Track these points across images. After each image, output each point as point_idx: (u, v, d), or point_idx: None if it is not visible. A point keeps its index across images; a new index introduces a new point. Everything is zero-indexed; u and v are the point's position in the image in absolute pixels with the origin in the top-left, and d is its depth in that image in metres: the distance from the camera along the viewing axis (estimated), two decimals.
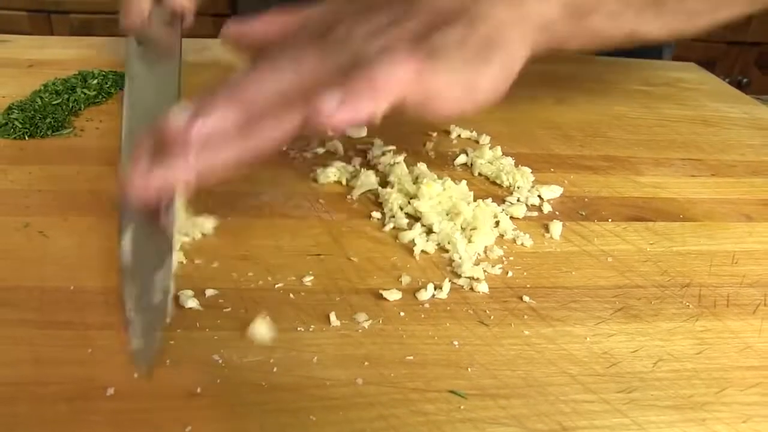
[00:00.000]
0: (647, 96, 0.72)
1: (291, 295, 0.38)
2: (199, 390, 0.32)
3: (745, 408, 0.34)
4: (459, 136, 0.58)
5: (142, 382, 0.32)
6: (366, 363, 0.34)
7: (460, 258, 0.42)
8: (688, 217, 0.50)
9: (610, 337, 0.38)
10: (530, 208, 0.49)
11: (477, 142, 0.57)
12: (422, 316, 0.38)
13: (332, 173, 0.49)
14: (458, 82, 0.37)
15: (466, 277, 0.40)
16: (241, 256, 0.41)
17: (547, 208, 0.49)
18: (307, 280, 0.39)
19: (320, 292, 0.39)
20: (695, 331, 0.39)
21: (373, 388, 0.33)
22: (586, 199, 0.50)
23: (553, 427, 0.32)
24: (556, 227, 0.46)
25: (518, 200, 0.49)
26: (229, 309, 0.37)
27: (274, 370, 0.33)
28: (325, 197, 0.47)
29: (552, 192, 0.50)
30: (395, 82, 0.35)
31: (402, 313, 0.37)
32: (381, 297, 0.38)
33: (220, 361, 0.34)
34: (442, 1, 0.39)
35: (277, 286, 0.39)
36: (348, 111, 0.34)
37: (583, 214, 0.49)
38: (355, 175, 0.49)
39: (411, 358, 0.35)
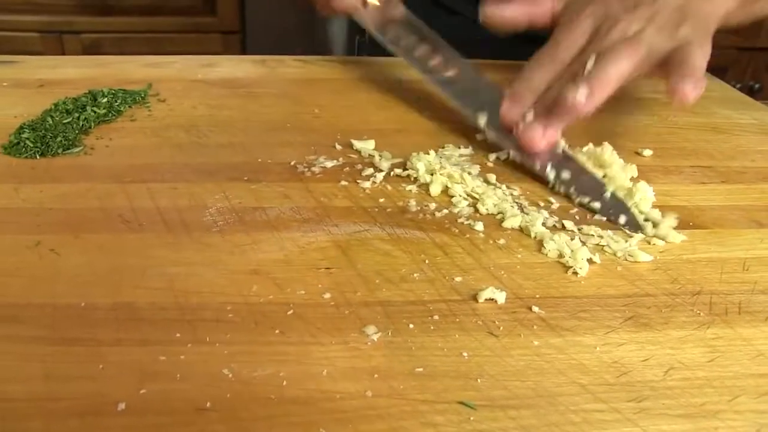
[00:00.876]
0: (656, 103, 0.72)
1: (300, 309, 0.38)
2: (208, 404, 0.32)
3: (759, 416, 0.34)
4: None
5: (152, 396, 0.32)
6: (375, 375, 0.34)
7: None
8: (698, 224, 0.50)
9: (620, 346, 0.38)
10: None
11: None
12: (431, 327, 0.38)
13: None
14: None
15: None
16: (251, 270, 0.41)
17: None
18: (317, 293, 0.39)
19: (329, 306, 0.39)
20: (706, 339, 0.39)
21: (383, 400, 0.33)
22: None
23: None
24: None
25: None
26: (238, 323, 0.37)
27: (284, 383, 0.33)
28: (333, 211, 0.47)
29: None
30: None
31: (411, 325, 0.38)
32: (389, 307, 0.38)
33: (230, 375, 0.34)
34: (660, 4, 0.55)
35: (286, 300, 0.39)
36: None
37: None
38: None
39: (420, 369, 0.35)
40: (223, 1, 1.89)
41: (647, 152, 0.60)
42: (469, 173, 0.53)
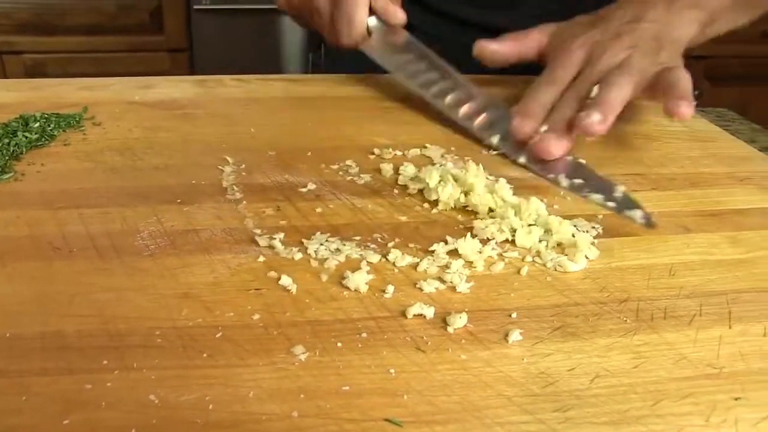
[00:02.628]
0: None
1: (229, 331, 0.38)
2: (133, 431, 0.32)
3: (680, 419, 0.35)
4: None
5: (76, 427, 0.32)
6: (302, 395, 0.34)
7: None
8: (628, 232, 0.51)
9: (547, 356, 0.38)
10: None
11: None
12: (359, 345, 0.38)
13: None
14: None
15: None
16: (181, 294, 0.41)
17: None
18: (246, 315, 0.39)
19: (258, 327, 0.39)
20: (632, 346, 0.40)
21: (309, 420, 0.33)
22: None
23: None
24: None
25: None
26: (167, 347, 0.37)
27: (210, 407, 0.33)
28: (266, 231, 0.48)
29: None
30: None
31: (339, 344, 0.38)
32: (318, 326, 0.39)
33: (157, 401, 0.34)
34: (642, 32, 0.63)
35: (215, 322, 0.39)
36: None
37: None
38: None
39: (347, 388, 0.35)
40: (169, 20, 1.88)
41: (581, 161, 0.61)
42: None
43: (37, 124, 0.59)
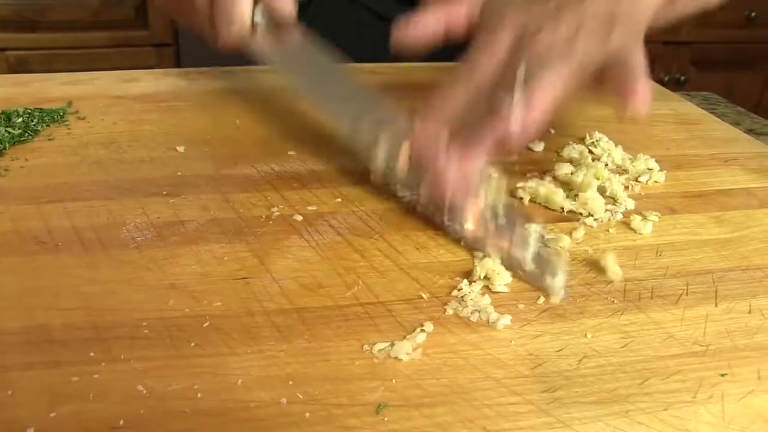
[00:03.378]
0: (579, 98, 0.73)
1: (216, 321, 0.38)
2: (121, 422, 0.32)
3: (666, 396, 0.35)
4: None
5: (63, 419, 0.32)
6: (291, 382, 0.34)
7: None
8: (615, 214, 0.51)
9: (536, 338, 0.38)
10: None
11: None
12: (348, 331, 0.38)
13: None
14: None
15: None
16: (167, 285, 0.41)
17: None
18: (233, 304, 0.39)
19: (246, 316, 0.39)
20: (620, 326, 0.40)
21: (298, 406, 0.33)
22: (515, 205, 0.51)
23: None
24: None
25: None
26: (154, 338, 0.37)
27: (199, 396, 0.33)
28: (251, 222, 0.47)
29: None
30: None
31: (328, 331, 0.38)
32: (306, 313, 0.39)
33: (145, 392, 0.33)
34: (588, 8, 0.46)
35: (202, 312, 0.39)
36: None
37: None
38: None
39: (335, 374, 0.35)
40: (154, 15, 1.87)
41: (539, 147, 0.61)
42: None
43: (20, 120, 0.59)
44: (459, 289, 0.41)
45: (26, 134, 0.58)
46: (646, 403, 0.34)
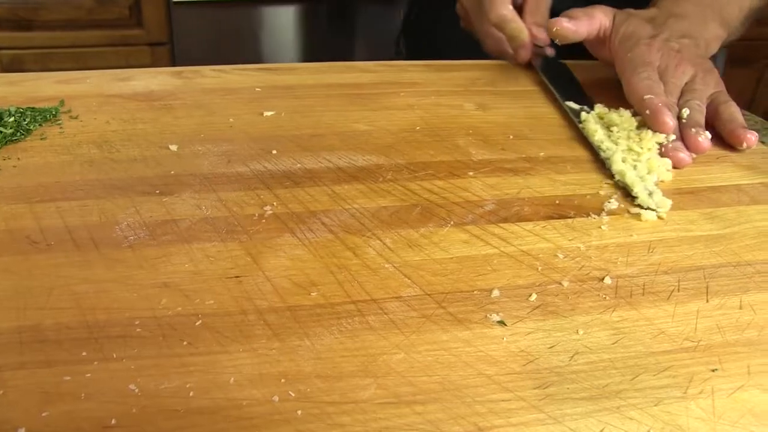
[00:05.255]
0: None
1: (209, 319, 0.38)
2: (113, 421, 0.32)
3: (657, 391, 0.35)
4: None
5: (55, 418, 0.32)
6: (283, 380, 0.34)
7: None
8: (607, 211, 0.51)
9: (528, 335, 0.39)
10: None
11: None
12: (340, 329, 0.38)
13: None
14: None
15: None
16: (160, 284, 0.41)
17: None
18: (226, 302, 0.39)
19: (238, 314, 0.39)
20: (611, 322, 0.40)
21: (290, 404, 0.33)
22: (506, 202, 0.51)
23: (468, 429, 0.32)
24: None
25: None
26: (147, 337, 0.37)
27: (191, 394, 0.33)
28: (244, 220, 0.47)
29: None
30: None
31: (320, 328, 0.38)
32: (298, 311, 0.39)
33: (137, 390, 0.34)
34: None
35: (195, 311, 0.39)
36: None
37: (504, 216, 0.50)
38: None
39: (328, 372, 0.35)
40: (149, 13, 1.87)
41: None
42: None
43: (12, 119, 0.59)
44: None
45: (18, 133, 0.58)
46: (637, 399, 0.35)
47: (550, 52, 0.78)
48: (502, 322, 0.39)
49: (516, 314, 0.40)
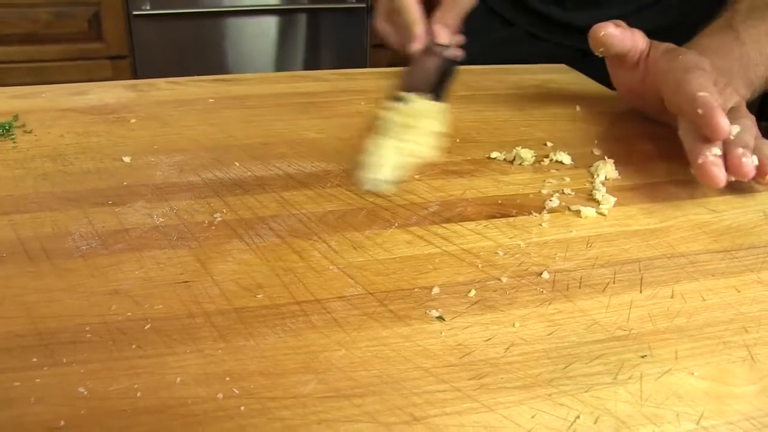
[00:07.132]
0: (517, 99, 0.75)
1: (157, 323, 0.39)
2: (62, 423, 0.33)
3: (589, 378, 0.37)
4: None
5: (3, 423, 0.33)
6: (227, 378, 0.36)
7: None
8: (548, 209, 0.53)
9: (465, 329, 0.40)
10: None
11: None
12: (284, 329, 0.39)
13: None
14: None
15: None
16: (111, 291, 0.42)
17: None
18: (174, 306, 0.41)
19: (186, 317, 0.40)
20: (547, 315, 0.42)
21: (233, 401, 0.34)
22: (450, 203, 0.53)
23: (404, 419, 0.34)
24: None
25: None
26: (96, 342, 0.38)
27: (138, 395, 0.34)
28: (194, 228, 0.49)
29: None
30: None
31: (265, 328, 0.39)
32: (244, 313, 0.40)
33: (86, 393, 0.35)
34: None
35: (144, 315, 0.40)
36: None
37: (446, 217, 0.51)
38: None
39: (271, 369, 0.36)
40: (108, 26, 1.87)
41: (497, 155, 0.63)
42: None
43: None
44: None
45: None
46: (569, 386, 0.36)
47: (455, 53, 0.68)
48: (441, 318, 0.41)
49: (455, 310, 0.42)
